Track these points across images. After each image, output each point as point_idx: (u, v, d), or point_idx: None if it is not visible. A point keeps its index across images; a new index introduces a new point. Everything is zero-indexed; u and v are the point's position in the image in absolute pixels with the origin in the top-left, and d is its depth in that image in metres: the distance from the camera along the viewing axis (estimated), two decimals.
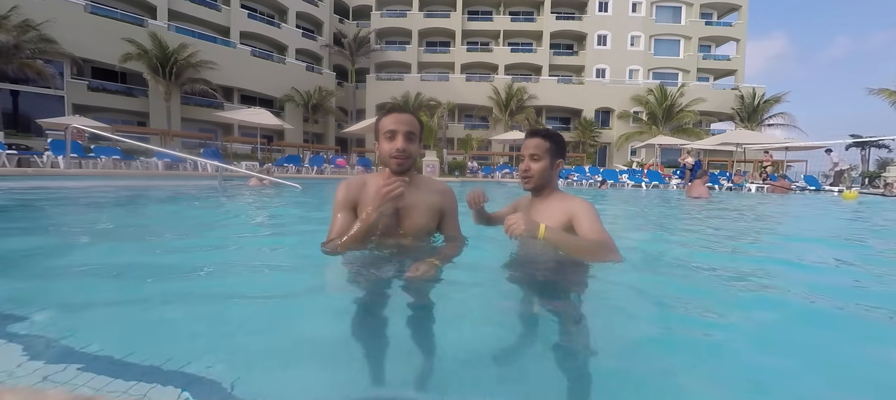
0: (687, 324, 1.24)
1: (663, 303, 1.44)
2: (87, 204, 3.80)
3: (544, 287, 1.48)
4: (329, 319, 1.19)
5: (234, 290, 1.50)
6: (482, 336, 1.11)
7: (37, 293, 1.40)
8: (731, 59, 30.29)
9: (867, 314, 1.36)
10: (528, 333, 1.16)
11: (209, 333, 1.09)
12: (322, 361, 0.95)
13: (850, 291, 1.71)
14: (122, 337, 1.03)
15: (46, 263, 1.86)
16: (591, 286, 1.43)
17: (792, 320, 1.29)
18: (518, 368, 0.95)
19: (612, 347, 1.06)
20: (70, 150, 9.67)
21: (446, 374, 0.92)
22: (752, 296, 1.60)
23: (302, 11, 28.48)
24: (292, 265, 1.96)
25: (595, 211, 1.57)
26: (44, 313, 1.15)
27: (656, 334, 1.18)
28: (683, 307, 1.38)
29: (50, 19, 16.77)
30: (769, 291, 1.67)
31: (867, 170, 18.17)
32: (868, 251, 2.87)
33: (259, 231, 3.03)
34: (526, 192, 1.79)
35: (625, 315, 1.28)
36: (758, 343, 1.11)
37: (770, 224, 4.45)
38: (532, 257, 1.65)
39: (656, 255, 2.36)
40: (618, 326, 1.21)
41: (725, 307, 1.44)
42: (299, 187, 6.61)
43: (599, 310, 1.29)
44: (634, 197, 8.20)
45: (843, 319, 1.30)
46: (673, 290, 1.62)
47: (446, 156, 19.69)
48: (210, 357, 0.90)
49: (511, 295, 1.43)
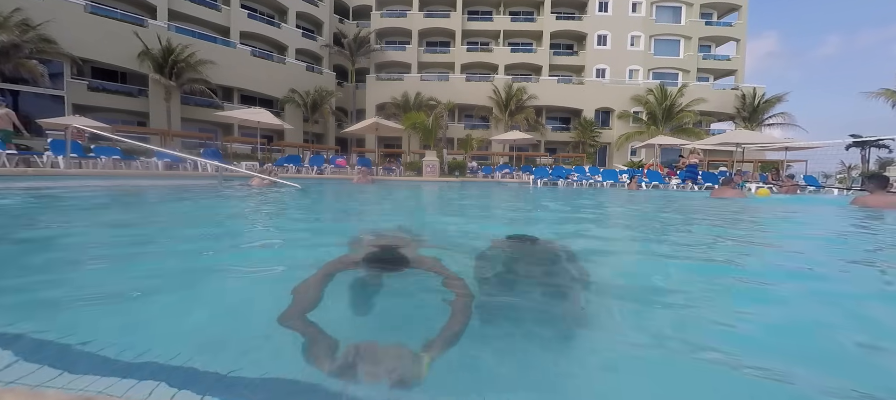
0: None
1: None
2: (88, 204, 3.80)
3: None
4: (329, 318, 1.19)
5: (235, 290, 1.51)
6: (483, 335, 1.11)
7: (36, 293, 1.40)
8: (731, 59, 30.29)
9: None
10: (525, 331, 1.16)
11: (209, 332, 1.09)
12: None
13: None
14: (121, 337, 1.03)
15: (46, 262, 1.86)
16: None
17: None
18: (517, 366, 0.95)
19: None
20: (70, 150, 9.67)
21: (443, 373, 0.93)
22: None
23: (302, 11, 28.48)
24: (292, 265, 1.96)
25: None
26: (43, 313, 1.15)
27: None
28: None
29: (50, 19, 16.79)
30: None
31: (867, 170, 18.16)
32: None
33: (260, 231, 3.03)
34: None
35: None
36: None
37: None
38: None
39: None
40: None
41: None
42: (299, 187, 6.62)
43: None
44: (679, 199, 7.91)
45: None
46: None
47: (446, 156, 19.68)
48: (211, 357, 0.91)
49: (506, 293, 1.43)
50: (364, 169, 10.32)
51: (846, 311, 1.43)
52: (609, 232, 3.74)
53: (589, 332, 1.20)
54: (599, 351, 1.10)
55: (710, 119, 29.31)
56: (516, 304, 1.40)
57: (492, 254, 1.96)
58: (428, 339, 0.97)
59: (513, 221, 4.35)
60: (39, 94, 18.27)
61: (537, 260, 1.89)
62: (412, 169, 16.95)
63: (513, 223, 4.16)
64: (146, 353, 0.89)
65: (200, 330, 1.11)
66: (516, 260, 1.89)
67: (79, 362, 0.85)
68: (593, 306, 1.40)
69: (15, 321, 1.05)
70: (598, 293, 1.53)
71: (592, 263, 2.00)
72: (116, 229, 2.89)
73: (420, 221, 4.02)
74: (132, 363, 0.85)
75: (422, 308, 1.38)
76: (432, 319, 1.14)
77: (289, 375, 0.87)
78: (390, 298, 1.42)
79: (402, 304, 1.42)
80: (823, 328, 1.26)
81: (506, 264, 1.81)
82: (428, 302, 1.38)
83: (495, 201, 6.79)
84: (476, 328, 1.15)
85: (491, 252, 1.99)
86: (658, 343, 1.13)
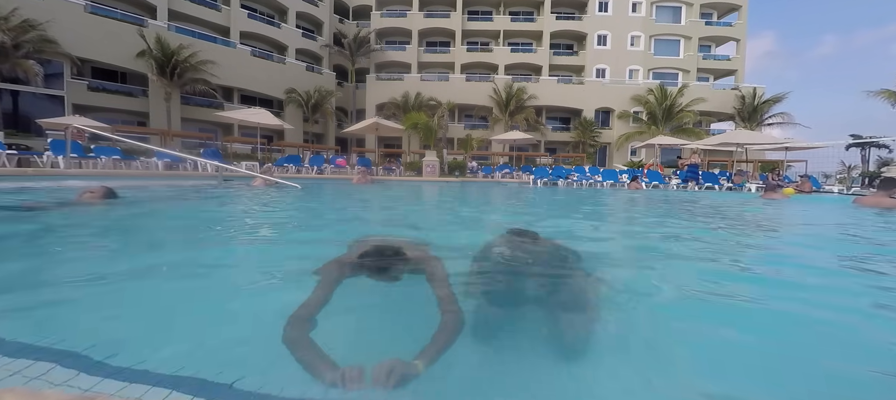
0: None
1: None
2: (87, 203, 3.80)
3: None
4: (330, 318, 1.19)
5: (235, 289, 1.51)
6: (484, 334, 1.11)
7: (36, 293, 1.40)
8: (731, 59, 30.28)
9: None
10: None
11: (209, 332, 1.10)
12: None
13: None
14: (120, 337, 1.03)
15: (46, 263, 1.86)
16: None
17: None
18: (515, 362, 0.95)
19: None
20: (70, 150, 9.68)
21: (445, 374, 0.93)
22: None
23: (302, 11, 28.48)
24: (293, 264, 1.96)
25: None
26: (42, 313, 1.16)
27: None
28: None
29: (50, 20, 16.78)
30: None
31: (867, 170, 18.14)
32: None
33: (260, 230, 3.04)
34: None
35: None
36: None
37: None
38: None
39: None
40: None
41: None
42: (299, 187, 6.62)
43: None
44: (730, 201, 7.87)
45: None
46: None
47: (446, 156, 19.68)
48: (210, 357, 0.91)
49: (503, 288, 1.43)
50: (364, 169, 10.32)
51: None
52: (721, 238, 3.43)
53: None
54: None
55: (710, 119, 29.31)
56: (519, 310, 1.40)
57: (493, 252, 1.94)
58: (422, 345, 0.97)
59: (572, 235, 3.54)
60: (39, 95, 18.28)
61: (541, 260, 1.88)
62: (412, 169, 16.96)
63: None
64: (146, 353, 0.90)
65: (200, 330, 1.11)
66: (521, 260, 1.88)
67: (79, 362, 0.86)
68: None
69: (15, 321, 1.06)
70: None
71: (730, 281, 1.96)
72: (116, 229, 2.89)
73: (419, 221, 4.03)
74: (132, 363, 0.85)
75: (419, 307, 1.37)
76: (430, 318, 1.14)
77: (291, 376, 0.87)
78: (387, 297, 1.42)
79: (399, 304, 1.42)
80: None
81: (509, 263, 1.80)
82: (425, 301, 1.36)
83: (496, 199, 6.79)
84: (475, 328, 1.15)
85: (493, 249, 1.97)
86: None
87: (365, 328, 1.27)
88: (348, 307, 1.27)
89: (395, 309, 1.38)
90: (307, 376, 0.86)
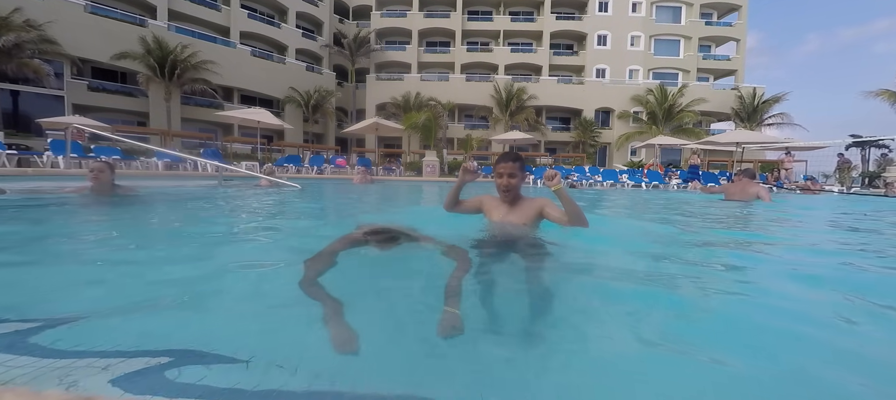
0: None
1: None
2: (87, 203, 3.80)
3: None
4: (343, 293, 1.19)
5: (235, 289, 1.51)
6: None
7: (35, 294, 1.40)
8: (730, 59, 30.30)
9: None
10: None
11: (209, 331, 1.09)
12: (324, 358, 0.95)
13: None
14: (120, 337, 1.03)
15: (46, 262, 1.86)
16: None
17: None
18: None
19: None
20: (70, 150, 9.67)
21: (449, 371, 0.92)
22: None
23: (302, 11, 28.49)
24: (291, 264, 1.96)
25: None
26: (42, 314, 1.15)
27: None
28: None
29: (50, 20, 16.79)
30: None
31: (867, 170, 18.12)
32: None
33: (261, 231, 3.04)
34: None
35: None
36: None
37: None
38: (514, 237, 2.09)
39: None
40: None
41: None
42: (299, 187, 6.63)
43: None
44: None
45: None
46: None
47: (446, 156, 19.69)
48: (210, 357, 0.91)
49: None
50: (364, 169, 10.30)
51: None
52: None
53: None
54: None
55: (710, 119, 29.32)
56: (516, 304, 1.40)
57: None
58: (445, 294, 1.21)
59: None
60: (39, 94, 18.29)
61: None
62: (412, 169, 16.96)
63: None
64: (146, 353, 0.89)
65: (202, 330, 1.11)
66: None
67: (79, 362, 0.85)
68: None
69: (15, 321, 1.06)
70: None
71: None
72: (115, 230, 2.89)
73: (420, 222, 4.01)
74: (132, 363, 0.85)
75: (424, 274, 1.62)
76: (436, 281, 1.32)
77: (291, 376, 0.87)
78: (394, 267, 1.66)
79: (405, 270, 1.65)
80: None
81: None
82: (428, 268, 1.65)
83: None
84: (475, 326, 1.15)
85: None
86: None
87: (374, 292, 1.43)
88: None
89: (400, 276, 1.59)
90: (307, 374, 0.86)
